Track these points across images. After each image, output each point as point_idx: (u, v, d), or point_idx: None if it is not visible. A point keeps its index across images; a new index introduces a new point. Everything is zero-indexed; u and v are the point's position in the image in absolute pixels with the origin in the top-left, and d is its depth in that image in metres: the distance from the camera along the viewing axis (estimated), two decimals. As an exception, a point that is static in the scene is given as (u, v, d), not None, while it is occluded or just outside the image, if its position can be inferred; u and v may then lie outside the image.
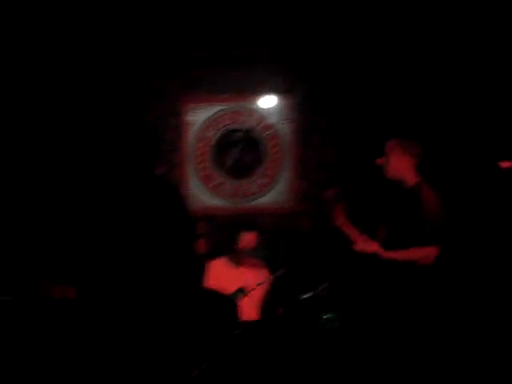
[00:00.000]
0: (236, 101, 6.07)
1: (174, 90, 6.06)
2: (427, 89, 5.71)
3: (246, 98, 6.05)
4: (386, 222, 4.26)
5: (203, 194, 6.08)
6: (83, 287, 4.50)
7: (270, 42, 5.84)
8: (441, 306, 4.05)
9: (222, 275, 5.09)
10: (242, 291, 4.79)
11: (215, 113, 6.08)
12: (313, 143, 6.03)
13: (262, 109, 6.06)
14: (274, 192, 6.05)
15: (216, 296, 4.59)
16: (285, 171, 6.06)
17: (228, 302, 4.52)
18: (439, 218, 3.98)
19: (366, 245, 4.18)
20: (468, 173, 5.37)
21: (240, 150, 6.09)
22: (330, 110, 5.99)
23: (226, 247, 5.20)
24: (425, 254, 3.98)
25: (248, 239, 5.13)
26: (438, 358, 4.08)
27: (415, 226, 3.99)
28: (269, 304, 5.05)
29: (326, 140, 6.01)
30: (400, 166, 4.19)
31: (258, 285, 4.83)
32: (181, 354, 4.16)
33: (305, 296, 4.77)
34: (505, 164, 4.72)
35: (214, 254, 5.37)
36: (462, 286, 4.97)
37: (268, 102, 6.05)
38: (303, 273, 5.39)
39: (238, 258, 5.16)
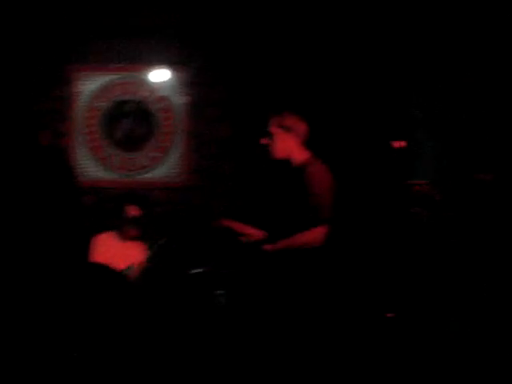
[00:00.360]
0: (129, 71, 5.95)
1: (63, 58, 5.89)
2: (321, 64, 5.76)
3: (140, 69, 5.94)
4: (274, 204, 4.16)
5: (92, 165, 5.96)
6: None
7: (166, 12, 5.79)
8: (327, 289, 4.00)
9: (108, 250, 5.00)
10: (132, 267, 4.85)
11: (106, 82, 5.94)
12: (206, 117, 5.99)
13: (156, 80, 5.96)
14: (165, 165, 5.98)
15: (106, 271, 4.55)
16: (177, 145, 5.99)
17: (119, 278, 4.53)
18: (327, 196, 3.90)
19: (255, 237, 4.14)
20: (360, 151, 5.45)
21: (131, 122, 5.97)
22: (225, 83, 5.97)
23: (113, 221, 5.11)
24: (312, 236, 3.89)
25: (133, 212, 5.07)
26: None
27: (302, 205, 3.91)
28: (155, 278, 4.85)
29: (219, 114, 5.99)
30: (285, 144, 4.07)
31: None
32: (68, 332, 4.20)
33: (195, 271, 4.69)
34: (396, 144, 4.85)
35: (101, 228, 5.24)
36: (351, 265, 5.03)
37: (162, 73, 5.96)
38: (192, 247, 5.23)
39: (124, 232, 5.08)
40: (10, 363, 4.15)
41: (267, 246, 4.04)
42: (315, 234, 3.87)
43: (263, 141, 4.14)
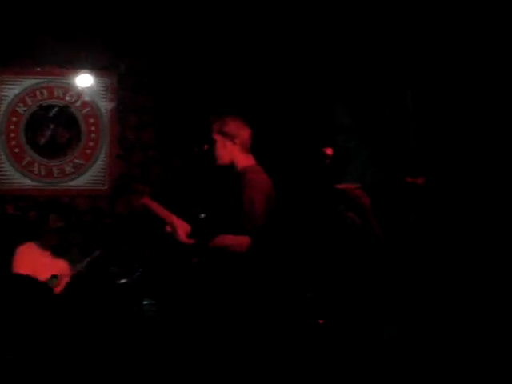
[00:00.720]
0: (52, 75, 5.85)
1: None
2: (257, 69, 5.79)
3: (64, 73, 5.87)
4: (206, 205, 4.11)
5: (14, 173, 5.80)
6: None
7: (92, 16, 5.69)
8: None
9: (31, 260, 4.89)
10: (55, 278, 4.74)
11: (30, 86, 5.82)
12: (132, 123, 5.98)
13: (81, 85, 5.88)
14: (90, 173, 5.91)
15: (30, 282, 4.49)
16: (102, 151, 5.94)
17: (43, 289, 4.46)
18: (259, 205, 3.76)
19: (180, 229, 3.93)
20: (292, 157, 5.47)
21: (54, 128, 5.86)
22: (150, 89, 5.97)
23: (36, 230, 5.04)
24: (236, 241, 3.76)
25: (56, 221, 4.99)
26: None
27: (234, 210, 3.78)
28: (83, 289, 4.84)
29: (145, 120, 5.98)
30: (227, 151, 3.94)
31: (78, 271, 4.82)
32: None
33: (122, 281, 4.80)
34: (328, 150, 4.90)
35: (23, 238, 5.14)
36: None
37: (87, 78, 5.88)
38: (118, 256, 5.43)
39: (47, 241, 4.99)
40: None
41: (189, 240, 3.89)
42: (239, 242, 3.74)
43: (204, 147, 4.04)
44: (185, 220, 3.97)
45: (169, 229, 3.91)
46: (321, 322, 4.61)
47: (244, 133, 3.98)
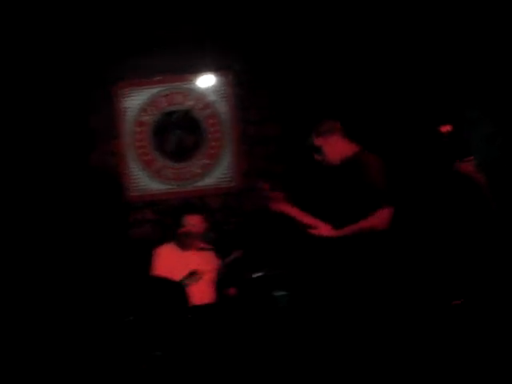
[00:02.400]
0: (171, 82, 6.21)
1: (106, 77, 6.14)
2: (362, 58, 5.88)
3: (182, 78, 6.19)
4: (332, 200, 4.31)
5: (146, 179, 6.21)
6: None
7: (204, 19, 5.96)
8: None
9: (169, 261, 5.20)
10: (192, 275, 5.04)
11: (152, 95, 6.22)
12: (252, 119, 6.17)
13: (199, 88, 6.20)
14: (217, 171, 6.20)
15: (165, 282, 4.81)
16: (226, 150, 6.22)
17: (177, 288, 4.74)
18: (383, 181, 4.07)
19: (322, 227, 4.24)
20: (409, 139, 5.57)
21: (180, 132, 6.22)
22: (267, 84, 6.12)
23: (172, 232, 5.35)
24: (378, 219, 4.03)
25: (193, 222, 5.27)
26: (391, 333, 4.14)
27: (362, 193, 4.06)
28: (220, 286, 5.22)
29: (265, 115, 6.15)
30: (334, 148, 4.32)
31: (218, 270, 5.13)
32: (133, 344, 4.48)
33: (256, 275, 4.98)
34: (444, 128, 4.90)
35: (161, 240, 5.51)
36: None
37: (204, 80, 6.18)
38: (253, 251, 5.53)
39: (184, 242, 5.28)
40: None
41: (331, 231, 4.19)
42: (381, 217, 4.04)
43: (316, 158, 4.36)
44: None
45: (312, 231, 4.25)
46: (457, 302, 4.67)
47: (335, 124, 4.40)
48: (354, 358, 4.10)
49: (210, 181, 6.21)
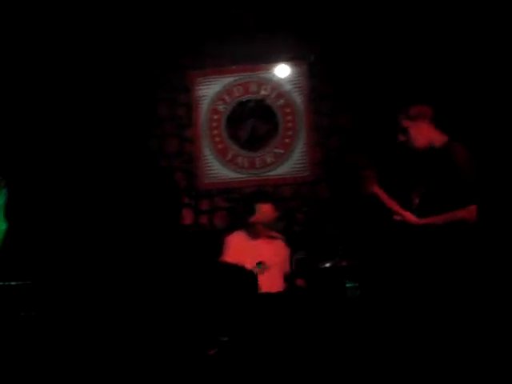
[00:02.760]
0: (247, 71, 6.28)
1: (182, 65, 6.28)
2: (443, 48, 5.80)
3: (257, 68, 6.26)
4: (418, 189, 4.28)
5: (220, 167, 6.31)
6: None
7: (280, 8, 6.02)
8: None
9: (239, 249, 5.26)
10: (261, 265, 5.15)
11: (226, 84, 6.31)
12: (326, 109, 6.17)
13: (274, 78, 6.25)
14: (290, 161, 6.23)
15: (235, 269, 4.83)
16: (300, 139, 6.24)
17: (248, 275, 4.79)
18: (473, 175, 4.02)
19: (408, 214, 4.24)
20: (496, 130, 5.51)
21: (254, 121, 6.29)
22: (342, 75, 6.11)
23: (243, 220, 5.39)
24: (468, 212, 4.00)
25: (264, 211, 5.29)
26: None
27: (449, 185, 4.03)
28: (289, 277, 5.27)
29: (338, 106, 6.15)
30: (421, 133, 4.23)
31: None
32: (200, 330, 4.57)
33: (325, 265, 4.97)
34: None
35: (232, 228, 5.61)
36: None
37: (279, 70, 6.22)
38: (322, 242, 5.69)
39: (255, 230, 5.31)
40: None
41: (417, 219, 4.18)
42: (470, 211, 4.00)
43: (400, 139, 4.29)
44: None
45: (397, 217, 4.26)
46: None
47: (429, 111, 4.29)
48: (424, 353, 4.07)
49: (282, 170, 6.25)
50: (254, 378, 4.36)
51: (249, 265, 5.03)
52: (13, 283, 4.89)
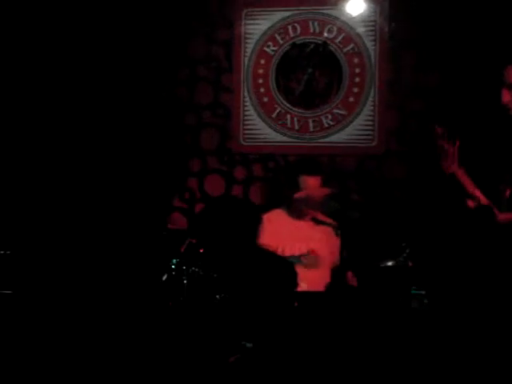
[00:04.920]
0: (309, 5, 5.77)
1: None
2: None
3: (322, 2, 5.75)
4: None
5: (262, 126, 5.86)
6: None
7: None
8: None
9: (279, 232, 4.94)
10: (305, 256, 4.80)
11: (281, 21, 5.80)
12: (408, 63, 5.63)
13: (342, 16, 5.72)
14: (354, 126, 5.73)
15: (269, 259, 4.56)
16: (368, 99, 5.74)
17: (285, 266, 4.43)
18: None
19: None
20: None
21: (311, 71, 5.77)
22: (432, 18, 5.54)
23: (286, 196, 5.07)
24: None
25: (312, 185, 4.91)
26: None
27: None
28: (339, 271, 4.94)
29: (425, 58, 5.59)
30: None
31: None
32: (220, 332, 4.21)
33: (387, 264, 4.54)
34: None
35: (271, 205, 5.33)
36: None
37: (350, 6, 5.69)
38: (384, 234, 5.29)
39: (298, 209, 4.95)
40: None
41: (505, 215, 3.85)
42: None
43: (504, 99, 3.81)
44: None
45: (471, 203, 3.94)
46: None
47: None
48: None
49: (343, 137, 5.75)
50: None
51: (288, 253, 4.83)
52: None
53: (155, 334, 4.45)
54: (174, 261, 4.43)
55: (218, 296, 4.33)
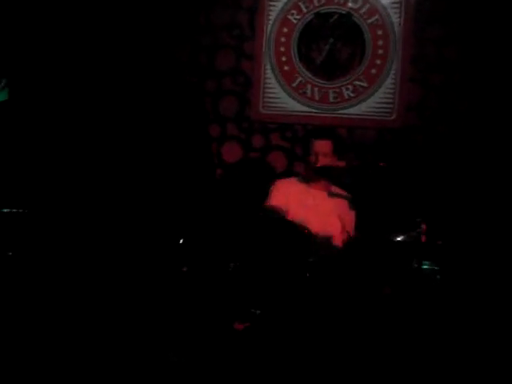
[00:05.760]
0: None
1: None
2: None
3: None
4: None
5: (282, 95, 5.78)
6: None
7: None
8: None
9: (291, 200, 4.74)
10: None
11: None
12: (433, 36, 5.58)
13: None
14: (374, 98, 5.68)
15: (283, 222, 4.41)
16: (391, 71, 5.68)
17: (298, 233, 4.25)
18: None
19: None
20: None
21: (333, 41, 5.72)
22: None
23: (304, 165, 4.94)
24: None
25: (324, 151, 4.70)
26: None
27: None
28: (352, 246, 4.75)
29: (450, 32, 5.54)
30: None
31: None
32: (228, 299, 4.15)
33: (397, 238, 4.42)
34: None
35: (289, 174, 5.38)
36: None
37: None
38: (398, 208, 5.13)
39: (311, 176, 4.78)
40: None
41: None
42: None
43: None
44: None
45: None
46: None
47: None
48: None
49: (363, 109, 5.69)
50: (289, 361, 3.99)
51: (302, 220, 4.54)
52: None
53: (167, 301, 4.43)
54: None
55: (232, 264, 4.20)
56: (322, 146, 4.72)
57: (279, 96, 5.81)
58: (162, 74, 5.85)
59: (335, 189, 4.87)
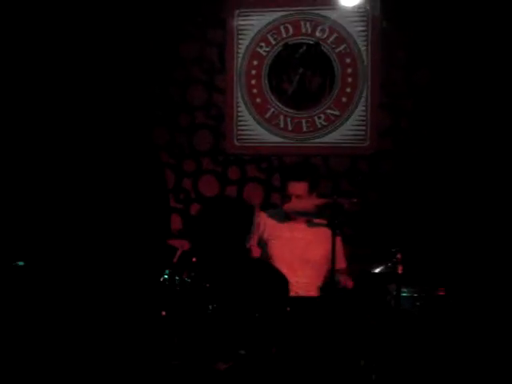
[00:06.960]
0: (300, 5, 5.81)
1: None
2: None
3: (314, 2, 5.78)
4: None
5: (255, 127, 5.90)
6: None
7: None
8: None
9: (270, 234, 4.89)
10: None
11: (272, 21, 5.85)
12: (399, 63, 5.71)
13: (333, 16, 5.77)
14: (347, 126, 5.78)
15: (263, 266, 4.50)
16: (361, 99, 5.79)
17: (277, 275, 4.35)
18: None
19: None
20: None
21: (304, 72, 5.82)
22: (420, 18, 5.63)
23: (280, 197, 5.12)
24: None
25: (298, 192, 4.78)
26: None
27: None
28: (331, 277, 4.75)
29: (416, 58, 5.67)
30: None
31: None
32: (211, 338, 4.22)
33: (377, 269, 4.56)
34: None
35: (266, 205, 5.52)
36: None
37: (341, 7, 5.73)
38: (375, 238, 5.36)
39: (288, 213, 4.89)
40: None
41: None
42: None
43: None
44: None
45: None
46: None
47: None
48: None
49: (337, 137, 5.80)
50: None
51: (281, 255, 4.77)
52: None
53: (148, 344, 4.49)
54: (167, 271, 4.42)
55: (210, 306, 4.28)
56: (297, 189, 4.79)
57: (253, 128, 5.96)
58: (133, 106, 5.94)
59: (316, 220, 4.92)
